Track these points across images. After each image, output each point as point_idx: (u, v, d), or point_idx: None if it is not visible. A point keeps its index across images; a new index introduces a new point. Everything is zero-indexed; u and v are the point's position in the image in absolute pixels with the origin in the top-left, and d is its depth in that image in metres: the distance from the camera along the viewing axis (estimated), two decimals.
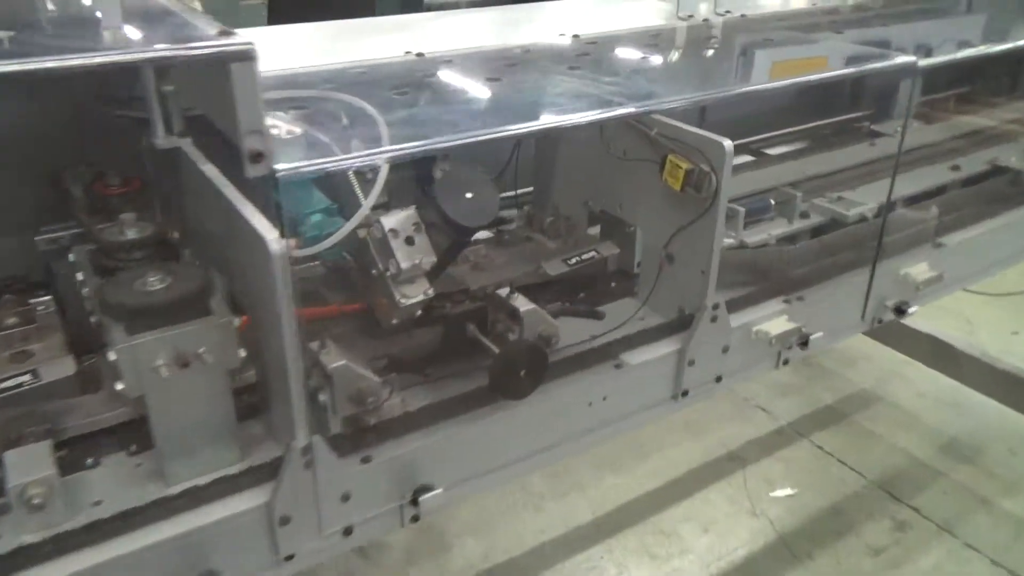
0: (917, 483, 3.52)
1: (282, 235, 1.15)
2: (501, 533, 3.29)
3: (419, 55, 1.82)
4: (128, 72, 1.37)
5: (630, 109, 1.58)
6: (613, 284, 1.93)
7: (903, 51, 2.16)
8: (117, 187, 1.57)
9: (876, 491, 3.49)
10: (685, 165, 1.65)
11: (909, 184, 2.33)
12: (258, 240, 1.17)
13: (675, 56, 2.07)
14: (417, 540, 3.22)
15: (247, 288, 1.33)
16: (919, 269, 2.13)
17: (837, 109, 2.89)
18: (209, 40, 1.05)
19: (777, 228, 2.04)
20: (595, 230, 2.00)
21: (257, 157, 1.08)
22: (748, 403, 3.97)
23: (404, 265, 1.40)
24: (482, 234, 1.92)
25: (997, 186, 2.42)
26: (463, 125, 1.33)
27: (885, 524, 3.33)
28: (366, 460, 1.42)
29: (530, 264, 1.84)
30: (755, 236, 2.00)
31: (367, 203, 1.32)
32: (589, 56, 1.91)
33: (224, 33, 1.06)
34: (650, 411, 1.77)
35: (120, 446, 1.41)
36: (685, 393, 1.80)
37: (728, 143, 1.58)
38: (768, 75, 1.99)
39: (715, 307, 1.73)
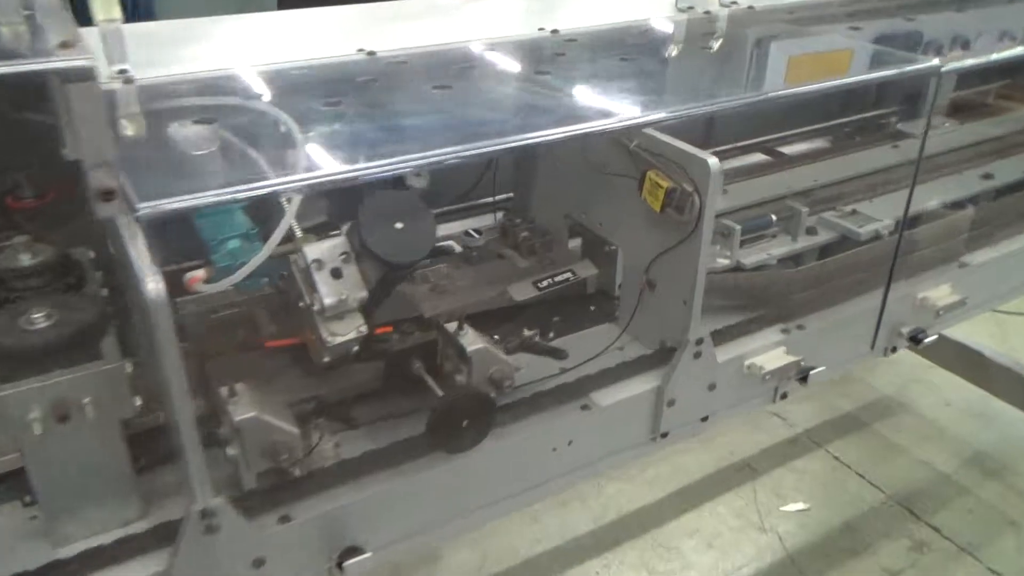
0: (939, 500, 3.31)
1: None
2: (495, 543, 3.14)
3: (370, 53, 1.63)
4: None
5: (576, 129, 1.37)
6: (593, 307, 1.75)
7: (936, 43, 1.95)
8: (28, 200, 1.41)
9: (894, 507, 3.28)
10: (666, 183, 1.46)
11: (933, 195, 2.10)
12: (136, 279, 1.00)
13: (664, 56, 1.85)
14: None
15: (137, 329, 1.17)
16: (939, 292, 1.91)
17: (861, 105, 2.66)
18: (41, 56, 0.88)
19: (779, 247, 1.84)
20: (578, 243, 1.81)
21: (107, 195, 0.91)
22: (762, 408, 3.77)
23: (327, 301, 1.23)
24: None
25: None
26: (383, 150, 1.15)
27: (902, 544, 3.12)
28: (285, 519, 1.26)
29: (498, 286, 1.66)
30: (753, 256, 1.80)
31: (274, 236, 1.15)
32: (564, 57, 1.70)
33: (66, 46, 0.88)
34: (623, 454, 1.59)
35: (14, 494, 1.26)
36: (664, 435, 1.61)
37: (714, 161, 1.38)
38: (784, 74, 1.78)
39: (698, 342, 1.54)
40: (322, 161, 1.15)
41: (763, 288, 1.75)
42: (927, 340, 1.89)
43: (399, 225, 1.18)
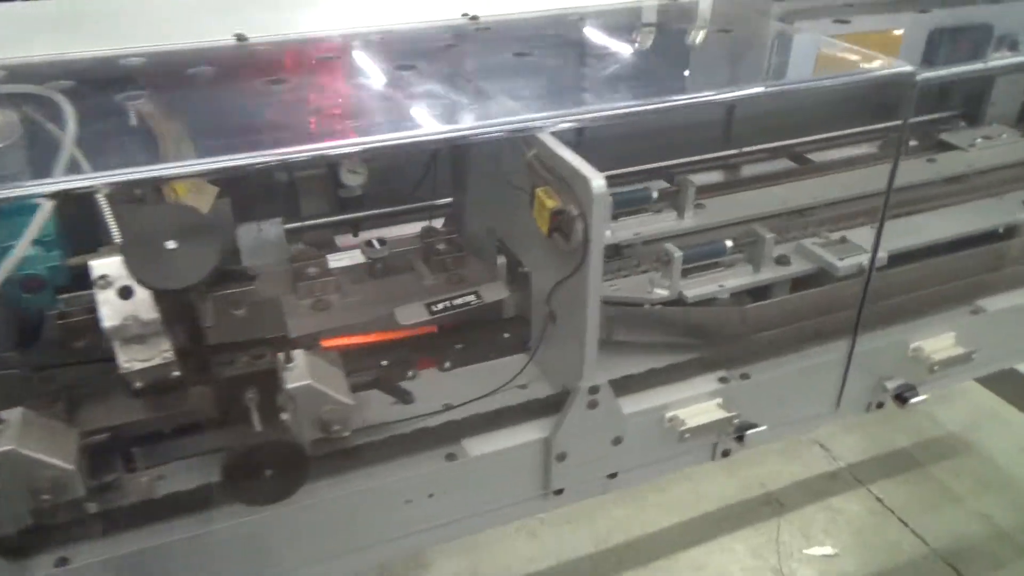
0: (992, 560, 2.91)
1: None
2: (487, 556, 2.97)
3: (240, 38, 1.46)
4: None
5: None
6: (507, 335, 1.54)
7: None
8: None
9: (937, 563, 2.91)
10: (551, 203, 1.23)
11: (955, 222, 1.77)
12: None
13: (576, 52, 1.59)
14: None
15: None
16: (939, 343, 1.60)
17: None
18: None
19: (736, 278, 1.57)
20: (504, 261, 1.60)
21: None
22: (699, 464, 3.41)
23: (107, 324, 1.07)
24: (347, 259, 1.57)
25: None
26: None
27: None
28: (63, 562, 1.12)
29: (391, 306, 1.47)
30: (701, 288, 1.54)
31: (22, 243, 1.00)
32: (454, 48, 1.48)
33: None
34: (505, 511, 1.39)
35: None
36: (559, 492, 1.39)
37: (598, 182, 1.15)
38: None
39: (593, 390, 1.31)
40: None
41: (701, 327, 1.49)
42: (914, 400, 1.58)
43: (171, 244, 1.01)
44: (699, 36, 1.64)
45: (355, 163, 1.73)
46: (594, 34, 1.64)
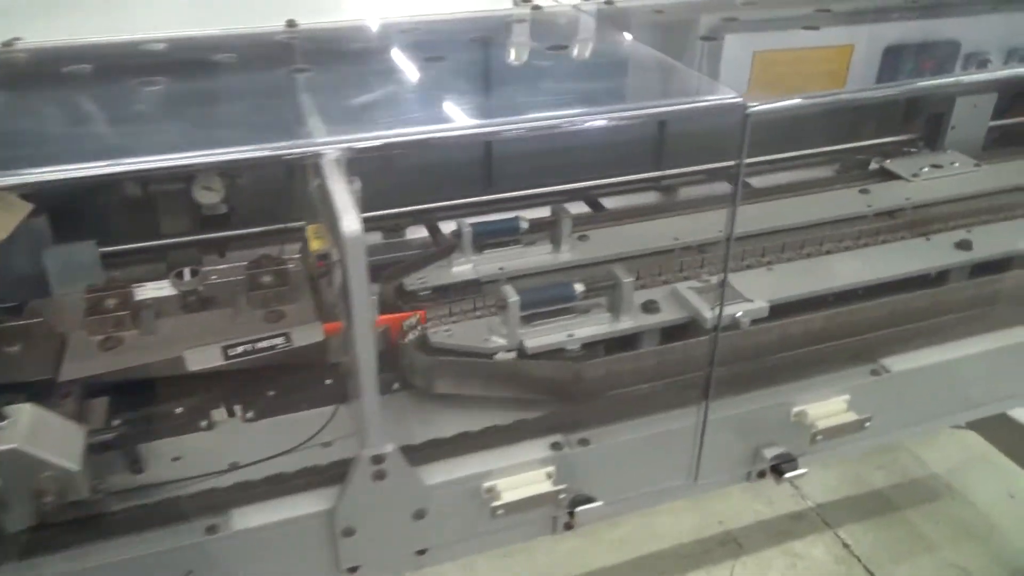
0: None
1: None
2: None
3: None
4: None
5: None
6: (331, 381, 1.37)
7: None
8: None
9: None
10: (316, 244, 1.07)
11: (872, 266, 1.56)
12: None
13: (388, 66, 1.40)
14: None
15: None
16: (829, 407, 1.39)
17: (865, 130, 2.08)
18: None
19: (591, 326, 1.38)
20: None
21: None
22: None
23: None
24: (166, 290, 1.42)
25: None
26: None
27: None
28: None
29: (191, 344, 1.32)
30: (547, 337, 1.35)
31: None
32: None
33: None
34: None
35: None
36: (353, 569, 1.23)
37: (351, 227, 0.98)
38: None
39: (378, 460, 1.14)
40: None
41: (536, 383, 1.31)
42: (791, 474, 1.38)
43: None
44: (521, 54, 1.45)
45: (210, 178, 1.58)
46: (402, 48, 1.44)
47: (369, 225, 1.73)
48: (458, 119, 1.11)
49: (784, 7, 1.90)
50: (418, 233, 1.76)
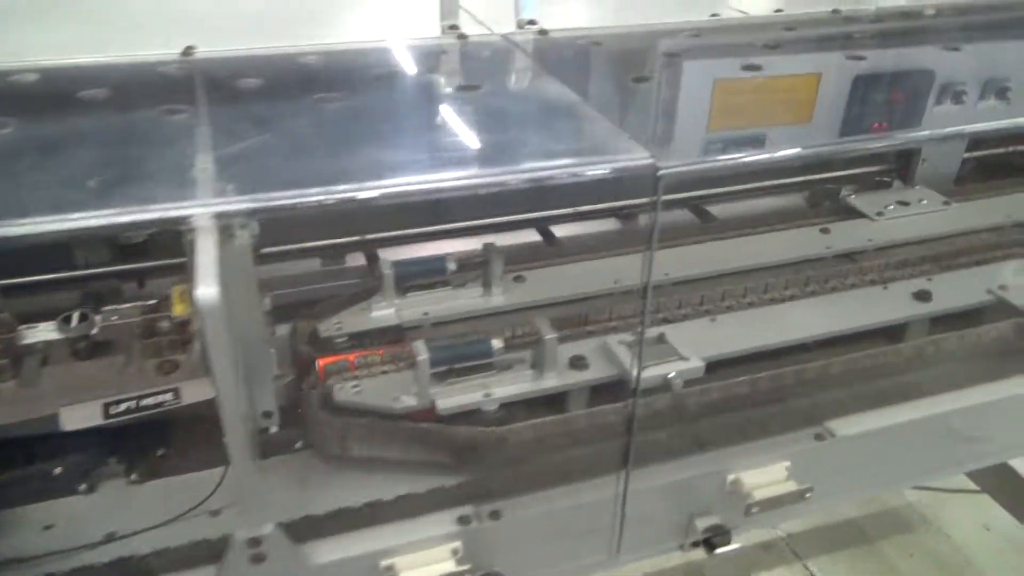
0: None
1: None
2: None
3: None
4: None
5: None
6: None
7: None
8: None
9: None
10: (180, 309, 0.97)
11: (821, 318, 1.45)
12: None
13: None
14: None
15: None
16: (766, 475, 1.29)
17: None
18: None
19: (512, 384, 1.27)
20: None
21: None
22: None
23: None
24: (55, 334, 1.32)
25: (987, 336, 1.47)
26: None
27: None
28: None
29: (72, 398, 1.22)
30: (462, 396, 1.25)
31: None
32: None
33: None
34: None
35: None
36: None
37: (206, 292, 0.87)
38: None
39: (255, 542, 1.04)
40: None
41: (443, 448, 1.21)
42: (723, 549, 1.28)
43: None
44: (423, 95, 1.33)
45: None
46: (294, 84, 1.30)
47: (306, 254, 1.65)
48: (321, 178, 0.98)
49: (740, 33, 1.78)
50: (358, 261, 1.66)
